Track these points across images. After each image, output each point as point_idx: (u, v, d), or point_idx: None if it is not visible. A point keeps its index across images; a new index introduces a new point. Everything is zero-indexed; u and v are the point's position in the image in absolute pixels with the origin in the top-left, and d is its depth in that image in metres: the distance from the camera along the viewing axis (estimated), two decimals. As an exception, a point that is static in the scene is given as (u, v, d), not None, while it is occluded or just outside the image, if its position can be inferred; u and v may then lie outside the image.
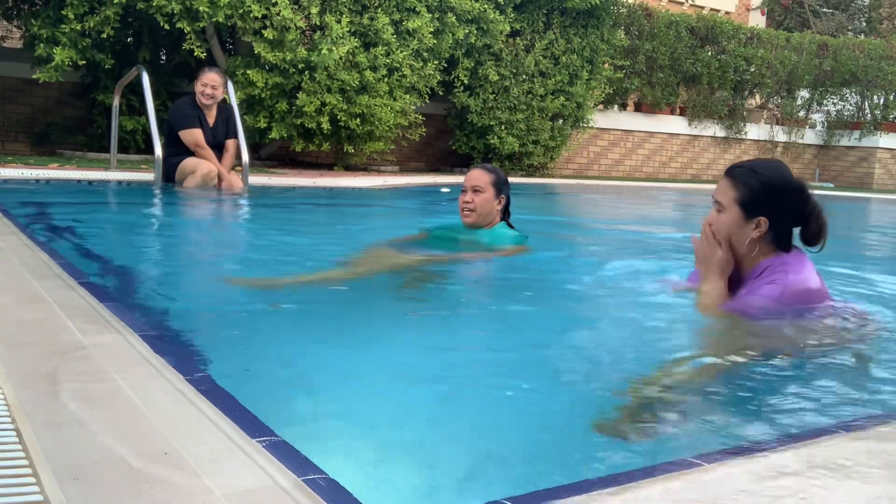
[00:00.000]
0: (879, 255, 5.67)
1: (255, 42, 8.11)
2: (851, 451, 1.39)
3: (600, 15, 11.03)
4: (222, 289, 2.98)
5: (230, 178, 6.30)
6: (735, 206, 2.39)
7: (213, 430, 1.34)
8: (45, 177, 6.15)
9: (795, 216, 2.42)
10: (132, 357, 1.72)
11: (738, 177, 2.40)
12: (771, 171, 2.40)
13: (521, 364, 2.11)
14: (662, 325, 2.55)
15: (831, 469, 1.30)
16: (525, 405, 1.77)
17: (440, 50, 9.33)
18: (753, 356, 2.14)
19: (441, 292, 3.09)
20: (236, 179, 6.38)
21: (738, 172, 2.41)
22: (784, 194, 2.38)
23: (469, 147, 10.73)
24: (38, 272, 2.55)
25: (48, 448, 1.23)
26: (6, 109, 8.88)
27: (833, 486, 1.23)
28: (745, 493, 1.19)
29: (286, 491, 1.14)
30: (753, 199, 2.37)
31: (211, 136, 6.28)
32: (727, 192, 2.40)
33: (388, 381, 1.88)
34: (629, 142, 13.83)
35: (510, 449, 1.52)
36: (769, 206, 2.37)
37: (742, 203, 2.38)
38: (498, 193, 3.72)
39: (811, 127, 16.22)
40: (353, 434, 1.54)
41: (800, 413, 1.76)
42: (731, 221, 2.39)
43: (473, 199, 3.68)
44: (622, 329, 2.51)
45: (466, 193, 3.71)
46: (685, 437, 1.59)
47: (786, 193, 2.38)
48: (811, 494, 1.20)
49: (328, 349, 2.14)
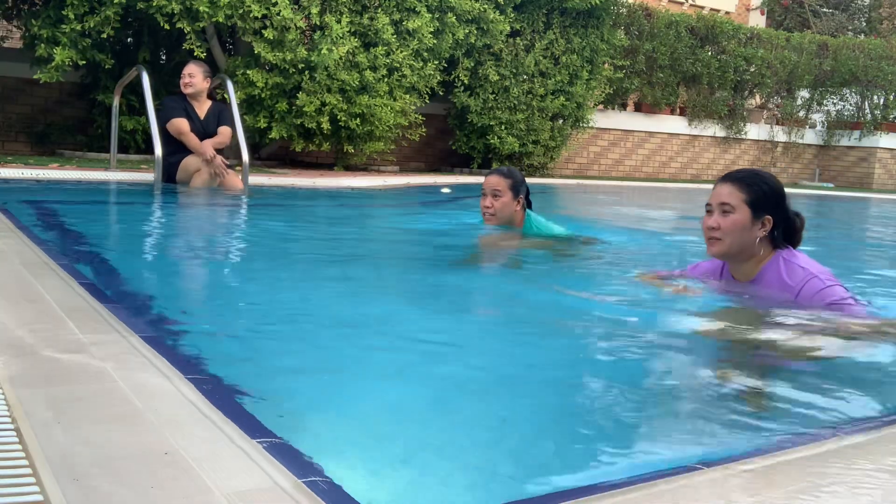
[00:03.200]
0: (879, 254, 5.68)
1: (255, 42, 8.11)
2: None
3: (600, 15, 11.03)
4: (222, 289, 2.98)
5: (230, 177, 6.29)
6: (745, 207, 2.56)
7: (214, 431, 1.34)
8: (45, 177, 6.15)
9: (786, 217, 2.64)
10: (132, 357, 1.72)
11: (744, 180, 2.59)
12: (769, 175, 2.64)
13: (522, 365, 2.11)
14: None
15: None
16: (526, 408, 1.77)
17: (440, 50, 9.33)
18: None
19: (450, 292, 3.09)
20: (236, 179, 6.38)
21: (743, 176, 2.61)
22: (781, 196, 2.63)
23: (469, 147, 10.73)
24: (37, 272, 2.55)
25: (48, 448, 1.23)
26: (6, 109, 8.88)
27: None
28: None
29: (286, 492, 1.14)
30: (761, 199, 2.57)
31: (201, 128, 6.29)
32: (735, 194, 2.58)
33: (390, 383, 1.88)
34: (629, 142, 13.83)
35: (511, 453, 1.51)
36: (772, 207, 2.59)
37: (751, 203, 2.56)
38: (516, 195, 3.95)
39: (811, 127, 16.22)
40: (353, 436, 1.54)
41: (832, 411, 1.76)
42: (742, 221, 2.56)
43: (493, 204, 3.92)
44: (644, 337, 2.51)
45: (486, 198, 3.95)
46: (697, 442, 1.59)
47: (782, 195, 2.63)
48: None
49: (329, 349, 2.14)
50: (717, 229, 2.58)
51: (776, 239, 2.61)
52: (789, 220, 2.63)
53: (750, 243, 2.59)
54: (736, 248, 2.60)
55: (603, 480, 1.26)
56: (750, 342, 2.35)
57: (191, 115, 6.30)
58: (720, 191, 2.61)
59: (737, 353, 2.28)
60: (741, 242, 2.59)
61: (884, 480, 1.28)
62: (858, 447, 1.44)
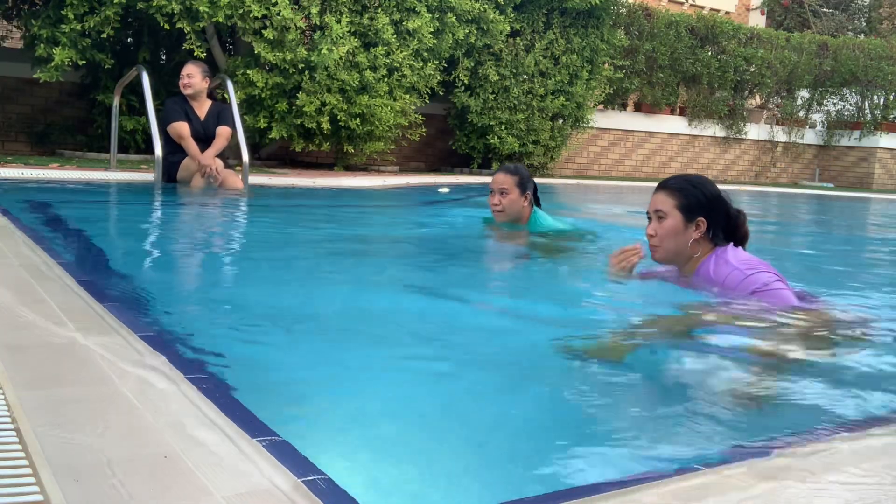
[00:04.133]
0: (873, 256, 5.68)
1: (255, 42, 8.11)
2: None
3: (600, 15, 11.03)
4: (221, 289, 2.98)
5: (230, 177, 6.29)
6: (677, 212, 2.69)
7: (213, 430, 1.34)
8: (45, 177, 6.15)
9: (725, 218, 2.73)
10: (131, 357, 1.72)
11: (673, 187, 2.72)
12: (699, 179, 2.75)
13: (523, 365, 2.11)
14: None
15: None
16: (526, 407, 1.77)
17: (440, 50, 9.33)
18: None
19: (451, 291, 3.09)
20: (236, 179, 6.38)
21: (673, 183, 2.74)
22: (714, 197, 2.72)
23: (469, 147, 10.73)
24: (37, 272, 2.56)
25: (48, 448, 1.23)
26: (6, 109, 8.88)
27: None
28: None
29: (285, 493, 1.14)
30: (692, 203, 2.69)
31: (201, 129, 6.28)
32: (666, 201, 2.70)
33: (390, 382, 1.88)
34: (629, 142, 13.83)
35: (510, 452, 1.52)
36: (705, 209, 2.70)
37: (682, 208, 2.69)
38: (523, 191, 4.09)
39: (811, 127, 16.21)
40: (353, 435, 1.54)
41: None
42: (675, 226, 2.69)
43: (501, 202, 4.06)
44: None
45: (494, 196, 4.09)
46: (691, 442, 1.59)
47: (715, 197, 2.73)
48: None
49: (329, 349, 2.14)
50: (654, 236, 2.73)
51: (716, 238, 2.72)
52: (729, 219, 2.73)
53: (684, 245, 2.70)
54: (672, 252, 2.73)
55: (599, 481, 1.26)
56: (681, 333, 2.42)
57: (190, 117, 6.29)
58: (654, 199, 2.75)
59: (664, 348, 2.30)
60: (676, 245, 2.71)
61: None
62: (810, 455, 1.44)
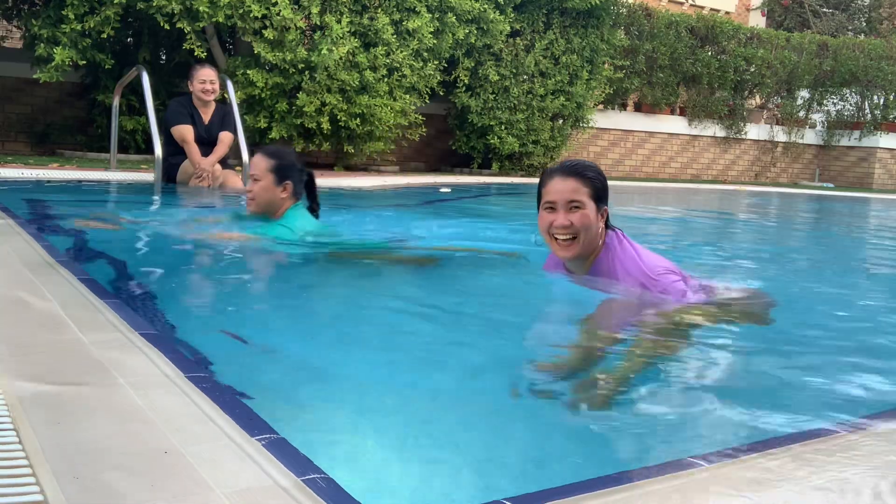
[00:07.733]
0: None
1: (255, 42, 8.11)
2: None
3: (600, 15, 11.03)
4: (221, 288, 2.98)
5: (230, 177, 6.29)
6: (591, 202, 2.52)
7: (213, 428, 1.34)
8: (45, 177, 6.15)
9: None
10: (132, 355, 1.72)
11: (584, 174, 2.55)
12: (595, 164, 2.64)
13: (523, 364, 2.11)
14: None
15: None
16: (526, 406, 1.77)
17: (440, 50, 9.33)
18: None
19: (451, 290, 3.09)
20: (236, 179, 6.38)
21: (582, 170, 2.56)
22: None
23: (469, 147, 10.74)
24: (38, 271, 2.55)
25: (48, 448, 1.23)
26: (6, 109, 8.88)
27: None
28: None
29: (285, 490, 1.14)
30: (601, 191, 2.56)
31: (206, 132, 6.27)
32: (581, 189, 2.52)
33: (390, 381, 1.88)
34: (629, 142, 13.82)
35: (510, 449, 1.52)
36: (607, 197, 2.60)
37: (595, 197, 2.54)
38: (280, 180, 3.55)
39: (811, 127, 16.21)
40: (352, 434, 1.54)
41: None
42: (592, 216, 2.52)
43: (252, 189, 3.58)
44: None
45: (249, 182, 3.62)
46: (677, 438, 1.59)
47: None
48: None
49: (329, 348, 2.14)
50: (571, 226, 2.50)
51: (608, 224, 2.61)
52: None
53: (594, 237, 2.54)
54: (588, 246, 2.54)
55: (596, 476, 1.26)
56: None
57: (195, 120, 6.27)
58: (563, 187, 2.52)
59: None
60: (587, 238, 2.53)
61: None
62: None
